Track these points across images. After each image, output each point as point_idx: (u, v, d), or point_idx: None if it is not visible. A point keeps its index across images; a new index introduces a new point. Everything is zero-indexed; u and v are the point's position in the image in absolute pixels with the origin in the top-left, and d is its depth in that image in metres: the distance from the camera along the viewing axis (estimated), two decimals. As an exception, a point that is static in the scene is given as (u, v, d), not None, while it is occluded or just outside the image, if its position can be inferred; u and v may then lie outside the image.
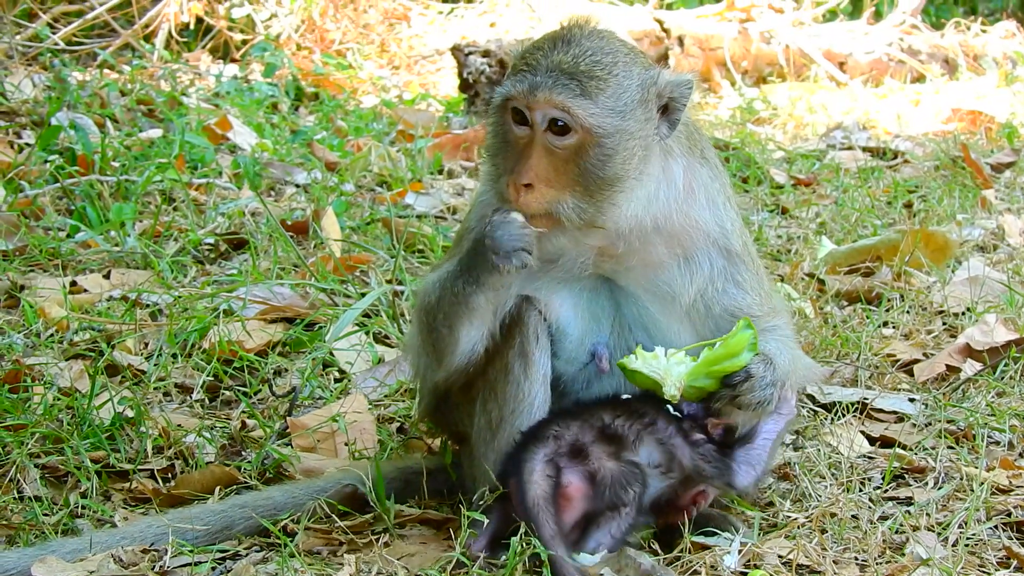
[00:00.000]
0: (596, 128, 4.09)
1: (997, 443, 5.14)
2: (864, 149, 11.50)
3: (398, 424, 5.41)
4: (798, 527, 4.30)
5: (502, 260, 4.04)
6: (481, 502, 4.13)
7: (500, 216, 4.08)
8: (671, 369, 4.12)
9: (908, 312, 6.70)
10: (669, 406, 4.22)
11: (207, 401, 5.58)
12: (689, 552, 4.09)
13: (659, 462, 4.18)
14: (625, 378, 4.25)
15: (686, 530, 4.14)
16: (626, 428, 4.16)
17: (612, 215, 4.17)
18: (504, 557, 3.95)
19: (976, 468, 4.75)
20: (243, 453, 5.08)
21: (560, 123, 4.09)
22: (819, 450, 5.00)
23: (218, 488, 4.67)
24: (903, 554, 4.12)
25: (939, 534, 4.26)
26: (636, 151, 4.15)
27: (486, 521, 4.10)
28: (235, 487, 4.74)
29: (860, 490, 4.66)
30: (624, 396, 4.28)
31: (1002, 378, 5.71)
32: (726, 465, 4.29)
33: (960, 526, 4.30)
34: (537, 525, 3.92)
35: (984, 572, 4.07)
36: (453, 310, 4.21)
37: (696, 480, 4.24)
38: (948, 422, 5.29)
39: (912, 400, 5.57)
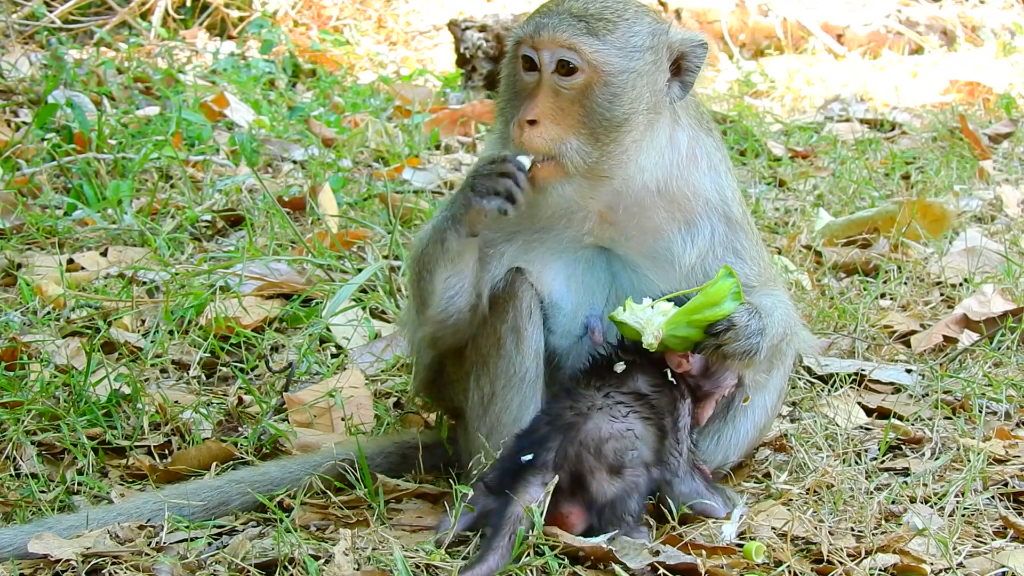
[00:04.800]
0: (602, 65, 4.09)
1: (994, 413, 5.14)
2: (862, 121, 11.44)
3: (395, 399, 5.42)
4: (794, 498, 4.31)
5: (477, 200, 4.02)
6: (474, 472, 4.13)
7: (492, 157, 4.09)
8: (652, 319, 4.07)
9: (905, 283, 6.69)
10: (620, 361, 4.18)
11: (204, 377, 5.58)
12: (685, 524, 4.09)
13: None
14: (619, 331, 4.21)
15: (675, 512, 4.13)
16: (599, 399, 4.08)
17: (618, 163, 4.16)
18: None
19: (973, 439, 4.76)
20: (240, 429, 5.08)
21: (568, 64, 4.10)
22: (816, 421, 5.00)
23: (215, 464, 4.68)
24: (899, 524, 4.13)
25: (935, 504, 4.26)
26: (644, 95, 4.16)
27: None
28: (232, 463, 4.74)
29: (857, 461, 4.66)
30: (566, 387, 4.22)
31: (999, 348, 5.71)
32: (671, 461, 4.18)
33: (957, 496, 4.30)
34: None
35: (980, 542, 4.08)
36: (433, 252, 4.17)
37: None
38: (945, 393, 5.29)
39: (909, 371, 5.57)
